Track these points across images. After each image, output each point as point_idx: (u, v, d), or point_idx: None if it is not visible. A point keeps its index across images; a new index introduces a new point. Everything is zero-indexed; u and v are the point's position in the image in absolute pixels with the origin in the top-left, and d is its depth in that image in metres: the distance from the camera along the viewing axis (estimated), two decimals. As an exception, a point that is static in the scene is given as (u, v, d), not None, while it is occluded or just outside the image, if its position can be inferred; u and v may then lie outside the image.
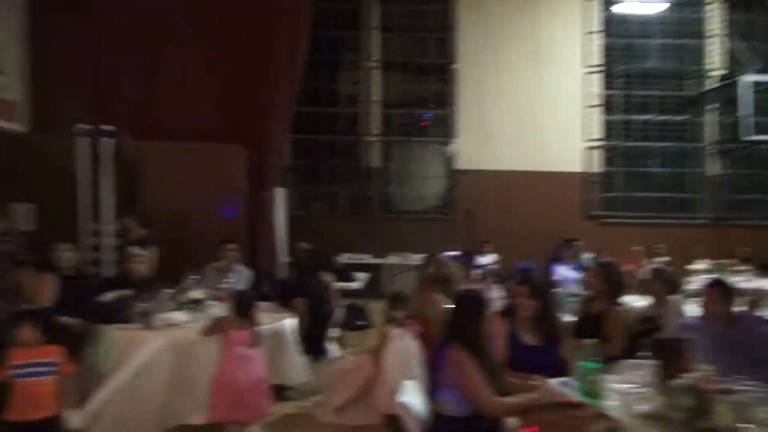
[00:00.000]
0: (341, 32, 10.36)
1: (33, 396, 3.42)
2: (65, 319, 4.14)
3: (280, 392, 4.54)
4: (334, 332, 5.46)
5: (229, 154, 6.77)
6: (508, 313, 3.29)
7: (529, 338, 3.17)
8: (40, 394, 3.42)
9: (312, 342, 5.00)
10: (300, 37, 7.07)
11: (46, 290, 4.22)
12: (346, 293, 6.50)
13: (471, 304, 2.90)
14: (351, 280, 7.17)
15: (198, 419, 3.83)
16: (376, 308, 7.15)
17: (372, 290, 7.89)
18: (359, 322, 6.26)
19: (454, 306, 2.98)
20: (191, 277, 4.92)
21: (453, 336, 2.81)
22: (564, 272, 6.76)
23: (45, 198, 6.00)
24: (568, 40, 10.14)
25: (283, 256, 7.56)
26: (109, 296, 4.37)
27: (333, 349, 5.35)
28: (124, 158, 6.24)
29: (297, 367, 4.61)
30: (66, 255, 4.70)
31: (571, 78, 10.12)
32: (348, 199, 10.60)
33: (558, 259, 7.41)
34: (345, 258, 8.67)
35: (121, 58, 6.79)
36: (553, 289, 5.23)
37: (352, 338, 6.21)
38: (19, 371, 3.41)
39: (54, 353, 3.43)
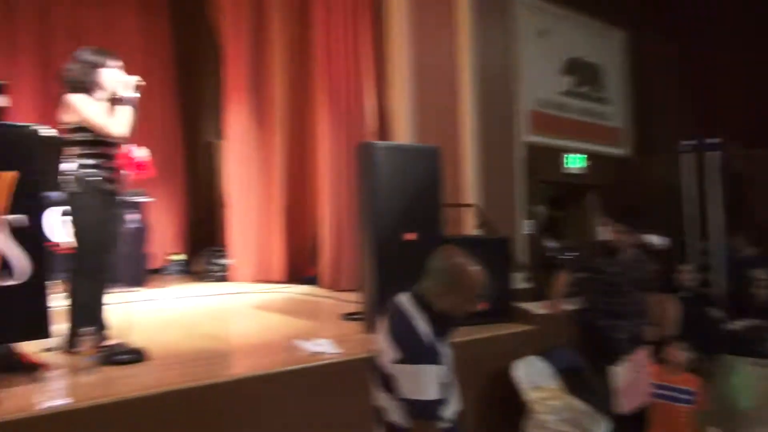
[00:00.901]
0: None
1: (666, 420, 3.44)
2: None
3: None
4: None
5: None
6: None
7: None
8: (673, 421, 3.41)
9: None
10: None
11: (670, 314, 4.21)
12: None
13: None
14: None
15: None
16: None
17: None
18: None
19: None
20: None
21: None
22: None
23: (648, 216, 6.18)
24: None
25: None
26: (738, 324, 4.03)
27: None
28: (731, 170, 5.80)
29: None
30: (688, 276, 4.62)
31: None
32: None
33: None
34: None
35: (724, 70, 6.53)
36: None
37: None
38: (656, 391, 3.49)
39: (693, 382, 3.36)
